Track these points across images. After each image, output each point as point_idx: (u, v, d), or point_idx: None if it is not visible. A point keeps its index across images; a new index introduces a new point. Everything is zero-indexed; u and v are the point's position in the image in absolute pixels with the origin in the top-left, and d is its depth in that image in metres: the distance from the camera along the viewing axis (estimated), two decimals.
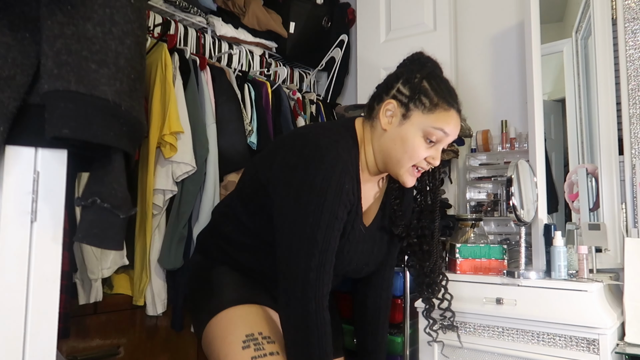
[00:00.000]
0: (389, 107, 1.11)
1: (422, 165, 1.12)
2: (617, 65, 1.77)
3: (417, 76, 1.11)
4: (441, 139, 1.11)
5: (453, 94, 1.13)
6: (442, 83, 1.12)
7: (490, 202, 2.07)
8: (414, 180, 1.14)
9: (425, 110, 1.09)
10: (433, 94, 1.09)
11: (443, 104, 1.09)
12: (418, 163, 1.11)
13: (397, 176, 1.14)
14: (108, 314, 1.61)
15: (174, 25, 1.96)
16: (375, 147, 1.15)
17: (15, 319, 0.68)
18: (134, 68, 0.71)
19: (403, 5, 2.40)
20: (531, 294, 1.49)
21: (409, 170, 1.12)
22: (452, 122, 1.11)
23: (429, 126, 1.08)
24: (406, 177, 1.13)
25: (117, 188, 0.70)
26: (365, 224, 1.21)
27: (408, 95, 1.10)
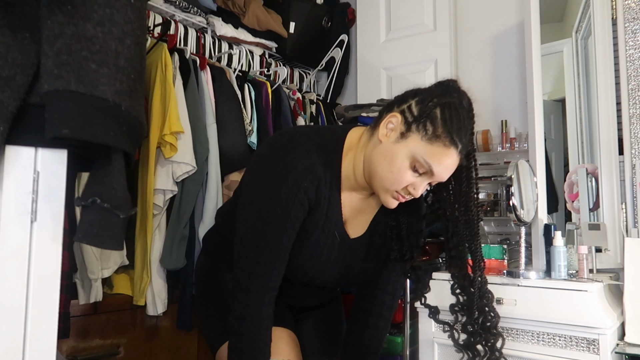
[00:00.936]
0: (393, 120, 1.04)
1: (403, 193, 1.04)
2: (617, 65, 1.77)
3: (434, 100, 1.01)
4: (427, 174, 1.02)
5: (463, 132, 1.00)
6: (457, 117, 1.00)
7: (490, 202, 2.07)
8: (395, 203, 1.06)
9: (425, 138, 0.99)
10: (440, 123, 0.99)
11: (445, 139, 0.98)
12: (400, 189, 1.03)
13: (379, 195, 1.07)
14: (108, 314, 1.61)
15: (174, 25, 1.96)
16: (367, 155, 1.07)
17: (15, 319, 0.68)
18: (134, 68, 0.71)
19: (403, 5, 2.40)
20: (531, 294, 1.49)
21: (392, 193, 1.04)
22: (445, 162, 1.00)
23: (420, 156, 0.99)
24: (387, 198, 1.05)
25: (117, 188, 0.70)
26: (350, 235, 1.16)
27: (415, 116, 1.01)
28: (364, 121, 1.96)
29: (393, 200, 1.05)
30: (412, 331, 1.72)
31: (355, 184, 1.11)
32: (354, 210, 1.16)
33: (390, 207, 1.07)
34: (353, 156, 1.10)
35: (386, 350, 1.75)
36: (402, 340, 1.71)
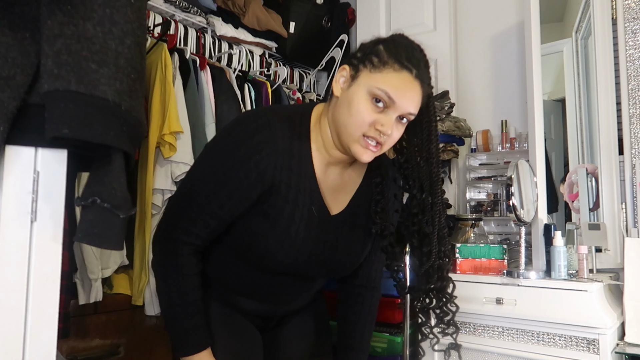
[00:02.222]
0: (343, 72, 1.02)
1: (372, 134, 0.97)
2: (617, 65, 1.78)
3: (374, 41, 1.01)
4: (389, 105, 0.96)
5: (412, 57, 0.97)
6: (403, 46, 0.98)
7: (490, 202, 2.07)
8: (368, 153, 0.99)
9: (373, 69, 0.96)
10: (385, 53, 0.97)
11: (394, 63, 0.96)
12: (366, 131, 0.97)
13: (350, 149, 1.00)
14: (108, 313, 1.61)
15: (174, 25, 1.96)
16: (329, 117, 1.04)
17: (15, 319, 0.68)
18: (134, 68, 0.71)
19: (403, 5, 2.40)
20: (531, 294, 1.49)
21: (360, 140, 0.98)
22: (401, 86, 0.95)
23: (374, 86, 0.95)
24: (357, 149, 0.98)
25: (117, 188, 0.70)
26: (330, 210, 1.10)
27: (359, 57, 1.00)
28: None
29: (364, 149, 0.98)
30: (412, 331, 1.72)
31: (328, 155, 1.07)
32: (332, 185, 1.10)
33: (365, 159, 1.00)
34: (319, 126, 1.06)
35: (386, 350, 1.75)
36: (402, 340, 1.71)
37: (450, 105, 1.95)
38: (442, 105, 1.89)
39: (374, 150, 0.99)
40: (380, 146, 0.99)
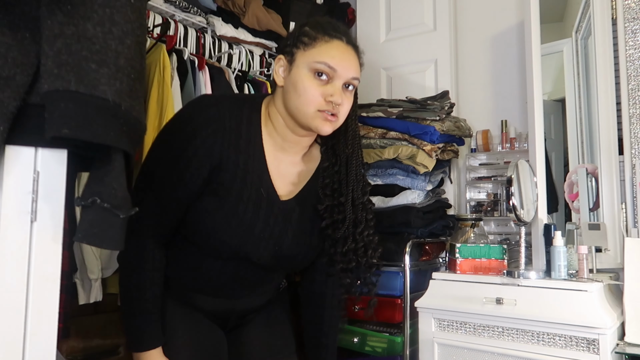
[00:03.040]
0: (279, 63, 1.08)
1: (326, 108, 1.02)
2: (617, 65, 1.77)
3: (298, 27, 1.08)
4: (331, 75, 1.02)
5: (338, 27, 1.06)
6: (325, 21, 1.07)
7: (490, 202, 2.07)
8: (327, 124, 1.04)
9: (307, 47, 1.03)
10: (312, 30, 1.04)
11: (323, 36, 1.03)
12: (319, 106, 1.02)
13: (310, 127, 1.05)
14: (108, 313, 1.61)
15: (174, 25, 1.96)
16: (279, 109, 1.08)
17: (15, 319, 0.68)
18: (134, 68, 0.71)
19: (403, 5, 2.40)
20: (531, 294, 1.49)
21: (316, 115, 1.03)
22: (336, 53, 1.02)
23: (312, 61, 1.02)
24: (317, 122, 1.03)
25: (117, 188, 0.70)
26: (279, 195, 1.11)
27: (290, 44, 1.06)
28: (364, 121, 1.96)
29: (323, 121, 1.03)
30: (412, 331, 1.72)
31: (282, 140, 1.11)
32: (283, 173, 1.13)
33: (325, 130, 1.04)
34: (268, 115, 1.11)
35: (386, 350, 1.75)
36: (402, 340, 1.71)
37: (450, 105, 1.95)
38: (442, 105, 1.89)
39: (332, 120, 1.04)
40: (336, 117, 1.05)
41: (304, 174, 1.17)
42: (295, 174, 1.16)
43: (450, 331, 1.62)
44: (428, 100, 1.93)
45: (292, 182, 1.15)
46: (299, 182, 1.16)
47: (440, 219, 1.92)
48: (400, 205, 1.85)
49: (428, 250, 1.93)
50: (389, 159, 1.86)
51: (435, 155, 1.83)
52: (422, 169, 1.80)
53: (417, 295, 1.71)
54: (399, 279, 1.77)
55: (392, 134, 1.89)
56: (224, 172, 1.04)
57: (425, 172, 1.82)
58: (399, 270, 1.77)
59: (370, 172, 1.93)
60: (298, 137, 1.11)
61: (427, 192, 1.88)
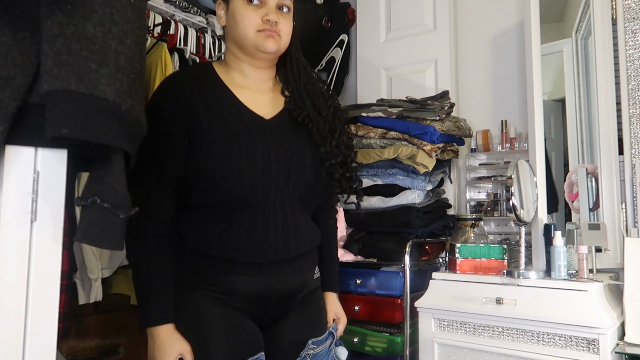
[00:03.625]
0: (220, 7, 1.19)
1: (263, 27, 1.13)
2: (617, 65, 1.77)
3: None
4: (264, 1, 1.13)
5: None
6: None
7: (490, 202, 2.07)
8: (269, 41, 1.13)
9: None
10: None
11: None
12: (258, 26, 1.13)
13: (256, 48, 1.14)
14: (108, 313, 1.61)
15: (174, 25, 1.96)
16: (230, 48, 1.19)
17: (15, 319, 0.68)
18: (134, 68, 0.71)
19: (403, 5, 2.40)
20: (531, 294, 1.49)
21: (257, 35, 1.13)
22: None
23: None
24: (260, 41, 1.13)
25: (117, 188, 0.70)
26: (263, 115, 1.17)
27: None
28: (364, 121, 1.96)
29: (265, 39, 1.13)
30: (412, 331, 1.72)
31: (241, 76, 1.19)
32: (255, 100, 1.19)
33: (270, 47, 1.13)
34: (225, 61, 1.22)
35: (386, 350, 1.75)
36: (402, 340, 1.71)
37: (450, 105, 1.95)
38: (442, 105, 1.89)
39: (273, 35, 1.14)
40: (278, 35, 1.14)
41: (278, 101, 1.23)
42: (267, 101, 1.22)
43: (450, 331, 1.62)
44: (428, 100, 1.93)
45: (270, 107, 1.21)
46: (277, 106, 1.22)
47: (440, 219, 1.92)
48: (400, 205, 1.85)
49: (428, 250, 1.93)
50: (389, 159, 1.86)
51: (435, 155, 1.83)
52: (422, 169, 1.80)
53: (417, 295, 1.71)
54: (399, 279, 1.77)
55: (392, 134, 1.89)
56: (199, 115, 1.10)
57: (425, 172, 1.82)
58: (399, 270, 1.77)
59: (370, 172, 1.93)
60: (257, 70, 1.20)
61: (427, 192, 1.88)
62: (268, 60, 1.20)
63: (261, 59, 1.18)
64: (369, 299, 1.82)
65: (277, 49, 1.16)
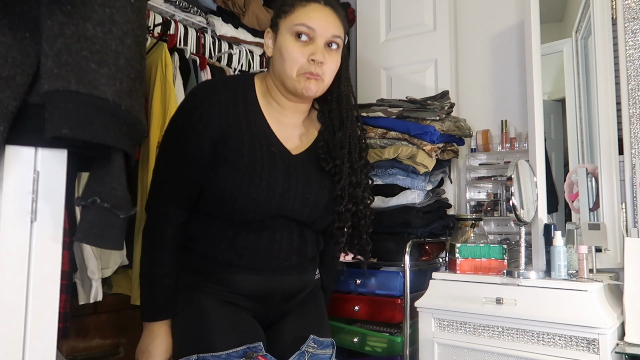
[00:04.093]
0: (268, 36, 1.17)
1: (309, 69, 1.08)
2: (617, 65, 1.77)
3: None
4: (311, 35, 1.09)
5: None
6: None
7: (490, 202, 2.07)
8: (311, 84, 1.09)
9: (287, 15, 1.11)
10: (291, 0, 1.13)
11: (300, 2, 1.11)
12: (302, 67, 1.09)
13: (297, 90, 1.11)
14: (108, 313, 1.61)
15: (174, 25, 1.96)
16: (273, 78, 1.16)
17: (15, 319, 0.68)
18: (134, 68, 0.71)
19: (403, 5, 2.40)
20: (531, 294, 1.49)
21: (300, 77, 1.09)
22: (312, 14, 1.09)
23: (292, 25, 1.09)
24: (301, 84, 1.09)
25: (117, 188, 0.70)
26: (290, 150, 1.16)
27: (274, 16, 1.16)
28: (364, 121, 1.96)
29: (306, 82, 1.09)
30: (412, 331, 1.72)
31: (279, 107, 1.17)
32: (287, 132, 1.17)
33: (310, 91, 1.10)
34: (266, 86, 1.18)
35: (386, 350, 1.75)
36: (402, 340, 1.71)
37: (450, 105, 1.95)
38: (442, 105, 1.89)
39: (315, 79, 1.10)
40: (319, 77, 1.10)
41: (308, 136, 1.21)
42: (298, 135, 1.20)
43: (450, 331, 1.62)
44: (428, 100, 1.93)
45: (299, 141, 1.19)
46: (306, 141, 1.21)
47: (440, 219, 1.92)
48: (400, 205, 1.85)
49: (428, 250, 1.93)
50: (389, 159, 1.86)
51: (435, 155, 1.83)
52: (422, 169, 1.80)
53: (417, 295, 1.71)
54: (399, 279, 1.77)
55: (392, 134, 1.89)
56: (229, 138, 1.08)
57: (425, 172, 1.82)
58: (399, 270, 1.77)
59: (370, 172, 1.93)
60: (293, 104, 1.17)
61: (427, 192, 1.88)
62: (308, 100, 1.19)
63: (304, 101, 1.18)
64: (369, 299, 1.82)
65: (317, 93, 1.13)
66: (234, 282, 1.13)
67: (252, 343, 1.08)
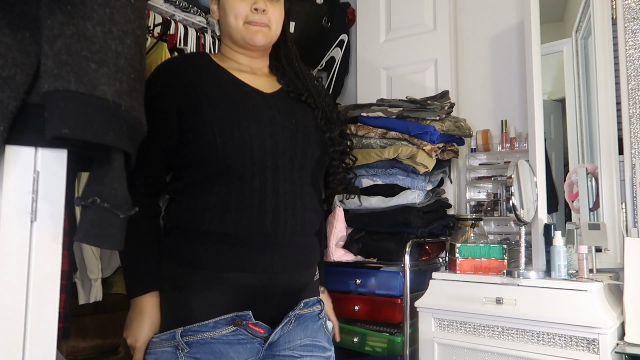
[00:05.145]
0: (212, 2, 1.20)
1: (254, 19, 1.13)
2: (617, 65, 1.77)
3: None
4: None
5: None
6: None
7: (490, 202, 2.07)
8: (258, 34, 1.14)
9: None
10: None
11: None
12: (247, 17, 1.13)
13: (244, 40, 1.15)
14: (108, 313, 1.61)
15: (174, 25, 1.96)
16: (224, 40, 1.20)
17: (15, 319, 0.68)
18: (134, 68, 0.71)
19: (403, 5, 2.40)
20: (531, 294, 1.49)
21: (246, 28, 1.13)
22: None
23: None
24: (247, 35, 1.13)
25: (117, 188, 0.70)
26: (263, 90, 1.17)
27: None
28: (364, 121, 1.96)
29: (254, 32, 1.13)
30: (412, 331, 1.72)
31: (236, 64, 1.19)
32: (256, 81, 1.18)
33: (259, 40, 1.14)
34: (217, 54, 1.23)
35: (386, 350, 1.75)
36: (402, 340, 1.71)
37: (450, 105, 1.95)
38: (442, 105, 1.89)
39: (262, 29, 1.14)
40: (267, 27, 1.15)
41: (272, 85, 1.22)
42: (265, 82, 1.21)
43: (450, 331, 1.62)
44: (428, 100, 1.93)
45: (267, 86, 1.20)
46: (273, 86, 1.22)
47: (440, 219, 1.91)
48: (400, 205, 1.85)
49: (428, 250, 1.93)
50: (389, 159, 1.85)
51: (435, 155, 1.83)
52: (422, 169, 1.80)
53: (417, 295, 1.71)
54: (399, 279, 1.76)
55: (392, 134, 1.89)
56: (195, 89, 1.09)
57: (425, 172, 1.82)
58: (399, 270, 1.77)
59: (370, 172, 1.93)
60: (249, 58, 1.20)
61: (427, 192, 1.88)
62: (260, 52, 1.21)
63: (252, 51, 1.20)
64: (369, 299, 1.82)
65: (267, 42, 1.17)
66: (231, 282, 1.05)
67: (241, 312, 1.04)
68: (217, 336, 1.02)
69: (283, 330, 1.11)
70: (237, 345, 1.03)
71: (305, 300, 1.16)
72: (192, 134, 1.07)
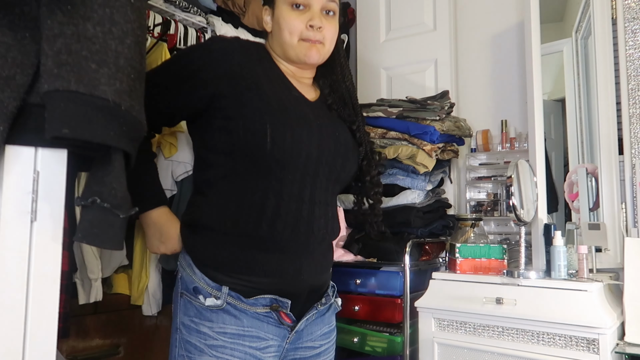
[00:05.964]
0: (266, 12, 1.17)
1: (308, 36, 1.10)
2: (617, 65, 1.77)
3: None
4: (307, 3, 1.11)
5: None
6: None
7: (490, 202, 2.07)
8: (312, 50, 1.11)
9: None
10: None
11: None
12: (302, 34, 1.10)
13: (298, 57, 1.12)
14: (108, 313, 1.61)
15: (174, 25, 1.96)
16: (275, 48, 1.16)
17: (15, 319, 0.68)
18: (134, 68, 0.71)
19: (403, 5, 2.40)
20: (531, 294, 1.49)
21: (301, 44, 1.11)
22: None
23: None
24: (302, 52, 1.11)
25: (117, 188, 0.70)
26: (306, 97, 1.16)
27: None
28: None
29: (308, 49, 1.11)
30: (412, 331, 1.72)
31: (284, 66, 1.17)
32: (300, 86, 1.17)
33: (313, 58, 1.12)
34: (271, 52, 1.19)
35: (386, 350, 1.75)
36: (402, 340, 1.71)
37: (450, 105, 1.95)
38: (442, 105, 1.89)
39: (317, 46, 1.12)
40: (321, 43, 1.12)
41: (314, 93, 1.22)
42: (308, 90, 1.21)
43: (450, 331, 1.62)
44: (428, 100, 1.93)
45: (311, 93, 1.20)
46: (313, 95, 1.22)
47: (440, 219, 1.92)
48: (400, 205, 1.85)
49: (428, 250, 1.93)
50: (389, 159, 1.86)
51: (435, 155, 1.83)
52: (422, 169, 1.80)
53: (417, 295, 1.71)
54: (399, 279, 1.76)
55: (392, 134, 1.89)
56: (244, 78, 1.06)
57: (425, 172, 1.82)
58: (399, 270, 1.77)
59: None
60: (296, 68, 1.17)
61: (427, 192, 1.88)
62: (312, 67, 1.20)
63: (304, 67, 1.18)
64: (369, 299, 1.82)
65: (320, 59, 1.15)
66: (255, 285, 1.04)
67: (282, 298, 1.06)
68: (252, 311, 1.03)
69: (307, 321, 1.14)
70: (267, 324, 1.05)
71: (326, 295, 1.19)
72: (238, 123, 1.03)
